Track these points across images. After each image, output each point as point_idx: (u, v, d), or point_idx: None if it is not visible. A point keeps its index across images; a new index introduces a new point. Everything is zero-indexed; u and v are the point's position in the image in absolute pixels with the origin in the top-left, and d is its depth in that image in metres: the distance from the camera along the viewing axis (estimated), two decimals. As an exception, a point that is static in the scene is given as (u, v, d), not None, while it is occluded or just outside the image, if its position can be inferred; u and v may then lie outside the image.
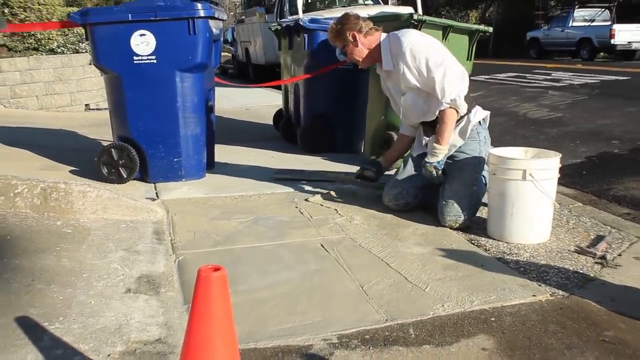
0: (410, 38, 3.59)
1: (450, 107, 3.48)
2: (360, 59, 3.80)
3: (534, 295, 2.67)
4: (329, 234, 3.47)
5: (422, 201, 3.87)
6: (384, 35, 3.76)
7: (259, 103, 8.77)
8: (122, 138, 4.53)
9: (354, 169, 4.80)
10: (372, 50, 3.75)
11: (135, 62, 4.30)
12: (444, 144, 3.52)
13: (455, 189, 3.60)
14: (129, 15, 4.24)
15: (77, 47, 8.53)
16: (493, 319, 2.47)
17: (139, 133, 4.45)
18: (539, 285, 2.76)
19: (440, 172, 3.56)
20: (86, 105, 8.33)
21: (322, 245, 3.29)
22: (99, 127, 4.60)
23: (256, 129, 7.10)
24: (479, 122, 3.69)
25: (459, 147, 3.66)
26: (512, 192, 3.22)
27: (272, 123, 6.90)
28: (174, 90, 4.39)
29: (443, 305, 2.58)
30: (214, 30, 4.53)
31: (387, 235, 3.46)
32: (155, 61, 4.31)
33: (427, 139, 3.75)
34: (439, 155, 3.53)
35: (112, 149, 4.46)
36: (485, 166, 3.66)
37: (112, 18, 4.27)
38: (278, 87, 7.68)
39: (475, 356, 2.21)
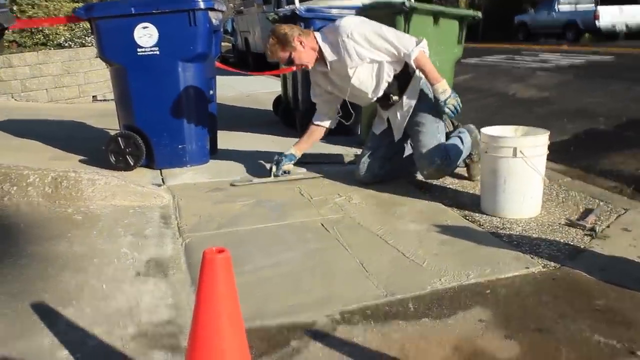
0: (347, 22, 3.82)
1: (419, 52, 3.74)
2: (310, 62, 3.91)
3: (527, 268, 2.79)
4: (329, 213, 3.59)
5: (390, 171, 4.14)
6: (316, 34, 3.90)
7: (258, 90, 8.88)
8: (128, 127, 4.66)
9: (352, 150, 4.96)
10: (314, 50, 3.87)
11: (139, 53, 4.43)
12: (440, 79, 3.77)
13: (422, 143, 3.90)
14: (132, 8, 4.37)
15: (83, 41, 8.66)
16: (488, 291, 2.59)
17: (144, 122, 4.59)
18: (532, 258, 2.88)
19: (459, 99, 3.78)
20: (93, 96, 8.47)
21: (322, 224, 3.41)
22: (106, 118, 4.74)
23: (257, 115, 7.21)
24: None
25: (415, 108, 3.95)
26: (503, 169, 3.34)
27: (271, 109, 7.00)
28: (176, 80, 4.53)
29: (440, 280, 2.70)
30: (214, 21, 4.64)
31: (385, 213, 3.59)
32: (158, 52, 4.44)
33: (386, 112, 4.08)
34: (446, 89, 3.76)
35: (119, 138, 4.60)
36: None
37: (115, 12, 4.41)
38: (277, 75, 7.76)
39: (473, 327, 2.32)
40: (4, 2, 3.28)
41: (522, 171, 3.31)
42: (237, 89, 9.05)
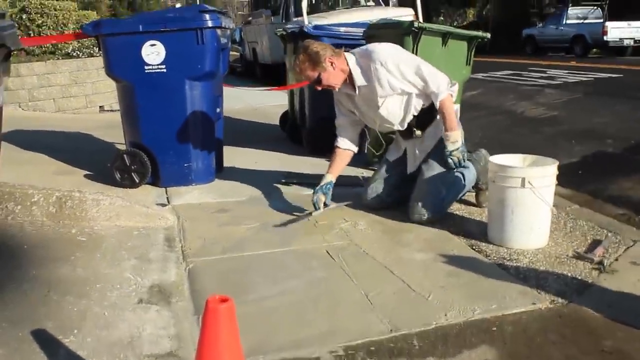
0: (382, 50, 3.75)
1: (447, 95, 3.69)
2: (338, 85, 3.82)
3: (533, 304, 2.75)
4: (334, 239, 3.57)
5: (397, 198, 4.05)
6: (347, 55, 3.81)
7: (266, 103, 8.86)
8: (134, 144, 4.66)
9: (357, 170, 4.92)
10: (344, 72, 3.79)
11: (146, 71, 4.43)
12: (456, 129, 3.71)
13: (422, 189, 3.83)
14: (140, 26, 4.37)
15: (91, 51, 8.67)
16: (495, 328, 2.56)
17: (150, 139, 4.58)
18: (539, 293, 2.85)
19: (465, 155, 3.73)
20: (100, 107, 8.49)
21: (327, 252, 3.39)
22: (113, 129, 4.75)
23: (263, 130, 7.20)
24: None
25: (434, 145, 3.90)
26: (511, 199, 3.31)
27: (278, 123, 7.00)
28: (183, 98, 4.52)
29: (446, 315, 2.66)
30: (222, 39, 4.63)
31: (391, 241, 3.56)
32: (165, 70, 4.44)
33: (405, 142, 4.03)
34: (458, 140, 3.69)
35: (125, 155, 4.59)
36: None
37: (123, 29, 4.40)
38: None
39: (478, 367, 2.30)
40: (10, 22, 3.25)
41: (530, 202, 3.28)
42: (245, 101, 9.05)
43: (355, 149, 4.15)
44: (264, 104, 8.96)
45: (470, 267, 3.15)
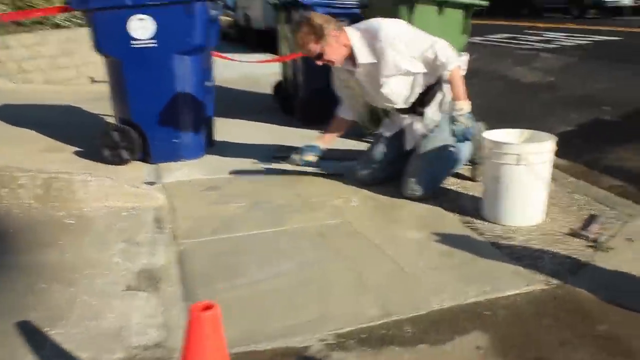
0: (389, 27, 3.62)
1: (455, 66, 3.58)
2: (340, 61, 3.70)
3: (527, 285, 2.70)
4: (327, 218, 3.51)
5: (391, 173, 3.98)
6: (349, 30, 3.69)
7: (259, 71, 8.68)
8: (123, 120, 4.57)
9: (350, 142, 4.85)
10: (346, 47, 3.66)
11: (134, 46, 4.31)
12: (464, 98, 3.57)
13: (416, 165, 3.76)
14: (128, 0, 4.23)
15: (81, 21, 8.43)
16: (488, 312, 2.51)
17: (139, 115, 4.49)
18: (533, 274, 2.80)
19: (471, 123, 3.57)
20: (91, 78, 8.32)
21: (319, 231, 3.34)
22: (103, 101, 4.66)
23: (255, 100, 7.08)
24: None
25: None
26: (506, 176, 3.25)
27: (271, 92, 6.88)
28: (173, 73, 4.43)
29: (438, 298, 2.62)
30: (212, 12, 4.52)
31: (383, 218, 3.51)
32: (154, 45, 4.32)
33: (405, 116, 3.92)
34: (465, 108, 3.55)
35: (114, 132, 4.50)
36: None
37: (111, 3, 4.26)
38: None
39: (470, 356, 2.25)
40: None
41: (526, 179, 3.22)
42: (237, 69, 8.86)
43: (351, 117, 4.12)
44: (256, 71, 8.80)
45: (463, 246, 3.10)
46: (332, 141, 4.18)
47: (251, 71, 8.60)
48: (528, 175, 3.21)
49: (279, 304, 2.62)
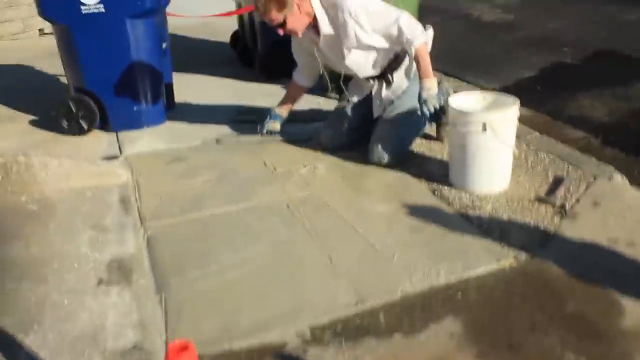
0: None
1: (422, 43, 3.50)
2: (302, 31, 3.56)
3: (498, 260, 2.75)
4: (295, 190, 3.48)
5: (356, 138, 3.94)
6: None
7: (213, 11, 8.38)
8: (79, 89, 4.42)
9: (314, 99, 4.79)
10: (309, 16, 3.53)
11: (83, 11, 4.12)
12: (431, 76, 3.52)
13: (382, 132, 3.72)
14: (72, -38, 4.02)
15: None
16: (459, 294, 2.56)
17: (95, 83, 4.35)
18: (502, 247, 2.83)
19: (441, 101, 3.55)
20: (40, 30, 7.95)
21: (288, 206, 3.31)
22: (56, 58, 4.46)
23: (213, 50, 6.87)
24: None
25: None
26: (472, 144, 3.24)
27: (228, 41, 6.71)
28: (126, 38, 4.26)
29: (410, 280, 2.64)
30: (162, -30, 4.33)
31: (351, 189, 3.49)
32: (103, 10, 4.14)
33: (372, 82, 3.85)
34: (433, 87, 3.52)
35: (70, 102, 4.37)
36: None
37: (53, -34, 4.05)
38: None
39: (445, 344, 2.29)
40: None
41: (492, 145, 3.22)
42: (190, 11, 8.56)
43: (308, 84, 4.09)
44: (212, 19, 8.49)
45: (433, 218, 3.11)
46: (291, 107, 4.12)
47: (206, 18, 8.31)
48: (494, 142, 3.21)
49: (252, 294, 2.62)
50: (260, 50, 5.55)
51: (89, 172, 3.69)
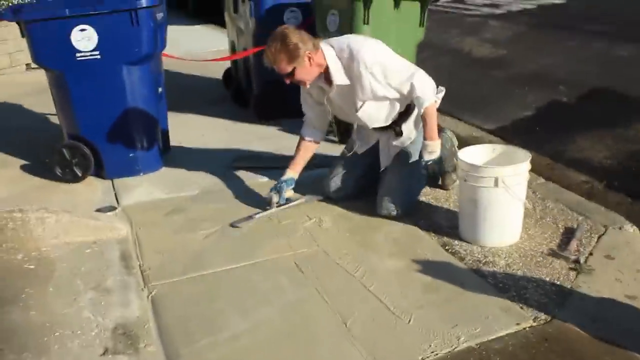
0: (368, 50, 3.40)
1: (432, 102, 3.45)
2: (311, 81, 3.49)
3: (517, 324, 2.67)
4: (301, 245, 3.39)
5: (362, 187, 3.88)
6: (324, 46, 3.47)
7: (205, 48, 8.38)
8: (73, 136, 4.34)
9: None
10: (320, 67, 3.46)
11: (78, 58, 4.05)
12: (436, 138, 3.50)
13: (391, 184, 3.65)
14: (67, 10, 3.94)
15: (11, 2, 7.92)
16: (481, 361, 2.49)
17: (89, 130, 4.26)
18: (521, 308, 2.76)
19: (438, 170, 3.63)
20: (27, 65, 7.84)
21: (295, 263, 3.22)
22: (45, 94, 4.35)
23: (204, 87, 6.81)
24: None
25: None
26: (484, 198, 3.19)
27: (220, 78, 6.66)
28: (122, 84, 4.19)
29: (430, 345, 2.55)
30: (158, 14, 4.26)
31: (360, 245, 3.40)
32: (99, 56, 4.06)
33: (377, 134, 3.79)
34: (436, 152, 3.50)
35: (64, 149, 4.27)
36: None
37: (48, 14, 3.97)
38: (223, 24, 7.25)
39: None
40: None
41: (504, 200, 3.17)
42: (181, 46, 8.52)
43: (319, 139, 3.92)
44: (203, 49, 8.43)
45: (446, 276, 3.04)
46: (301, 168, 3.93)
47: (197, 49, 8.26)
48: (506, 197, 3.15)
49: (267, 363, 2.53)
50: (255, 90, 5.49)
51: (87, 227, 3.58)
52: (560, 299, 2.83)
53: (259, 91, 5.42)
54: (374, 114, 3.58)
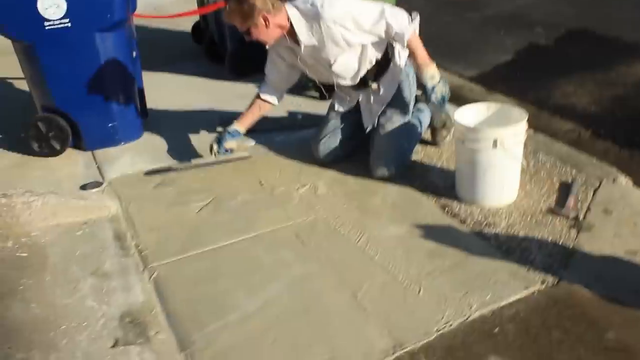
0: (330, 4, 3.29)
1: (412, 32, 3.37)
2: (270, 41, 3.43)
3: (526, 288, 2.69)
4: (298, 215, 3.35)
5: (352, 148, 3.85)
6: (289, 7, 3.36)
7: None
8: (47, 108, 4.16)
9: (293, 99, 4.62)
10: (282, 28, 3.37)
11: (47, 28, 3.84)
12: (431, 63, 3.41)
13: (381, 145, 3.61)
14: (32, -24, 3.72)
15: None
16: (496, 330, 2.48)
17: (64, 102, 4.09)
18: (527, 271, 2.78)
19: (447, 87, 3.45)
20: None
21: (296, 235, 3.19)
22: (11, 56, 4.15)
23: (175, 42, 6.54)
24: (405, 60, 3.64)
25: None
26: (482, 160, 3.16)
27: (189, 31, 6.44)
28: (95, 52, 4.01)
29: (443, 316, 2.56)
30: (129, -22, 4.06)
31: (358, 210, 3.36)
32: (69, 25, 3.86)
33: (357, 92, 3.74)
34: (436, 75, 3.40)
35: (39, 122, 4.10)
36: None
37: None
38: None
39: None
40: None
41: (502, 160, 3.15)
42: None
43: (275, 102, 3.86)
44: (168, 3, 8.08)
45: (449, 240, 3.03)
46: (251, 124, 3.88)
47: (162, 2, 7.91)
48: (504, 158, 3.14)
49: (283, 347, 2.48)
50: (229, 48, 5.32)
51: (76, 207, 3.48)
52: (564, 260, 2.85)
53: (233, 48, 5.26)
54: (348, 65, 3.50)
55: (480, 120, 3.35)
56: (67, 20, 3.86)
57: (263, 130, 4.14)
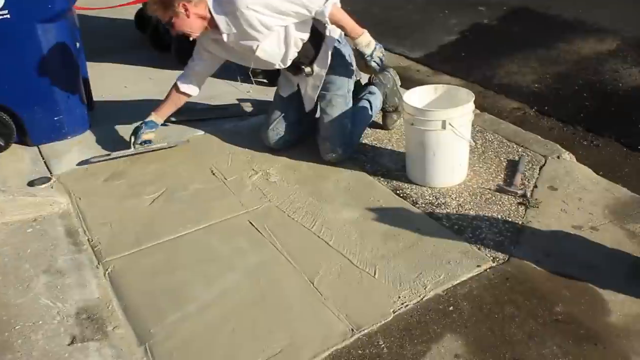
0: None
1: (331, 6, 3.34)
2: (195, 32, 3.43)
3: (478, 266, 2.76)
4: (252, 203, 3.36)
5: (301, 133, 3.88)
6: (210, 2, 3.36)
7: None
8: (-11, 104, 4.04)
9: (243, 88, 4.61)
10: (203, 19, 3.37)
11: (-16, 19, 3.73)
12: (361, 31, 3.42)
13: (326, 128, 3.64)
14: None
15: None
16: (451, 308, 2.55)
17: (7, 97, 3.97)
18: (479, 249, 2.86)
19: (384, 51, 3.50)
20: None
21: (251, 222, 3.20)
22: None
23: (118, 29, 6.45)
24: (337, 40, 3.62)
25: (326, 78, 3.64)
26: (432, 141, 3.22)
27: (132, 18, 6.32)
28: (37, 44, 3.89)
29: (399, 297, 2.62)
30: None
31: (311, 196, 3.39)
32: (8, 16, 3.75)
33: (296, 78, 3.75)
34: (370, 41, 3.44)
35: (-19, 119, 4.00)
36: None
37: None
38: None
39: (453, 367, 2.31)
40: None
41: (451, 141, 3.21)
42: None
43: (194, 93, 3.89)
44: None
45: (402, 222, 3.09)
46: (168, 114, 3.96)
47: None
48: (453, 138, 3.20)
49: (243, 335, 2.50)
50: (175, 39, 5.24)
51: (24, 204, 3.41)
52: (514, 236, 2.94)
53: (180, 40, 5.18)
54: (272, 49, 3.50)
55: (429, 102, 3.40)
56: (5, 11, 3.74)
57: (212, 119, 4.12)
